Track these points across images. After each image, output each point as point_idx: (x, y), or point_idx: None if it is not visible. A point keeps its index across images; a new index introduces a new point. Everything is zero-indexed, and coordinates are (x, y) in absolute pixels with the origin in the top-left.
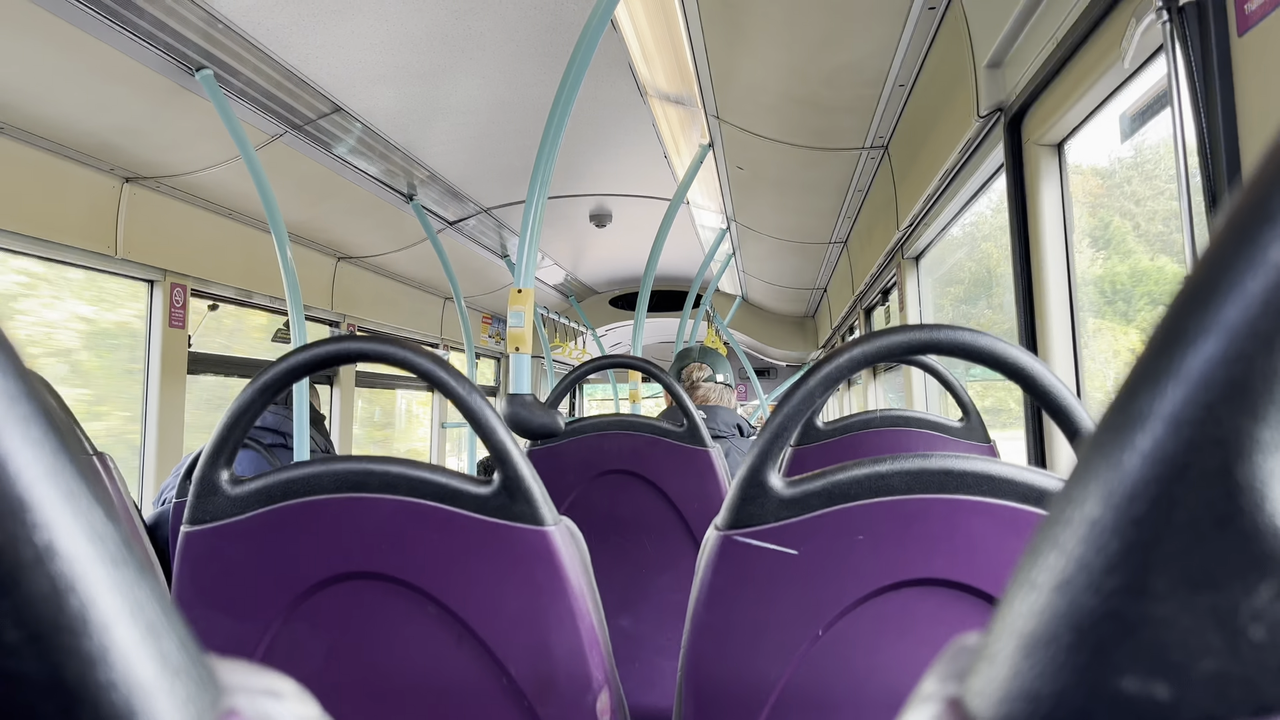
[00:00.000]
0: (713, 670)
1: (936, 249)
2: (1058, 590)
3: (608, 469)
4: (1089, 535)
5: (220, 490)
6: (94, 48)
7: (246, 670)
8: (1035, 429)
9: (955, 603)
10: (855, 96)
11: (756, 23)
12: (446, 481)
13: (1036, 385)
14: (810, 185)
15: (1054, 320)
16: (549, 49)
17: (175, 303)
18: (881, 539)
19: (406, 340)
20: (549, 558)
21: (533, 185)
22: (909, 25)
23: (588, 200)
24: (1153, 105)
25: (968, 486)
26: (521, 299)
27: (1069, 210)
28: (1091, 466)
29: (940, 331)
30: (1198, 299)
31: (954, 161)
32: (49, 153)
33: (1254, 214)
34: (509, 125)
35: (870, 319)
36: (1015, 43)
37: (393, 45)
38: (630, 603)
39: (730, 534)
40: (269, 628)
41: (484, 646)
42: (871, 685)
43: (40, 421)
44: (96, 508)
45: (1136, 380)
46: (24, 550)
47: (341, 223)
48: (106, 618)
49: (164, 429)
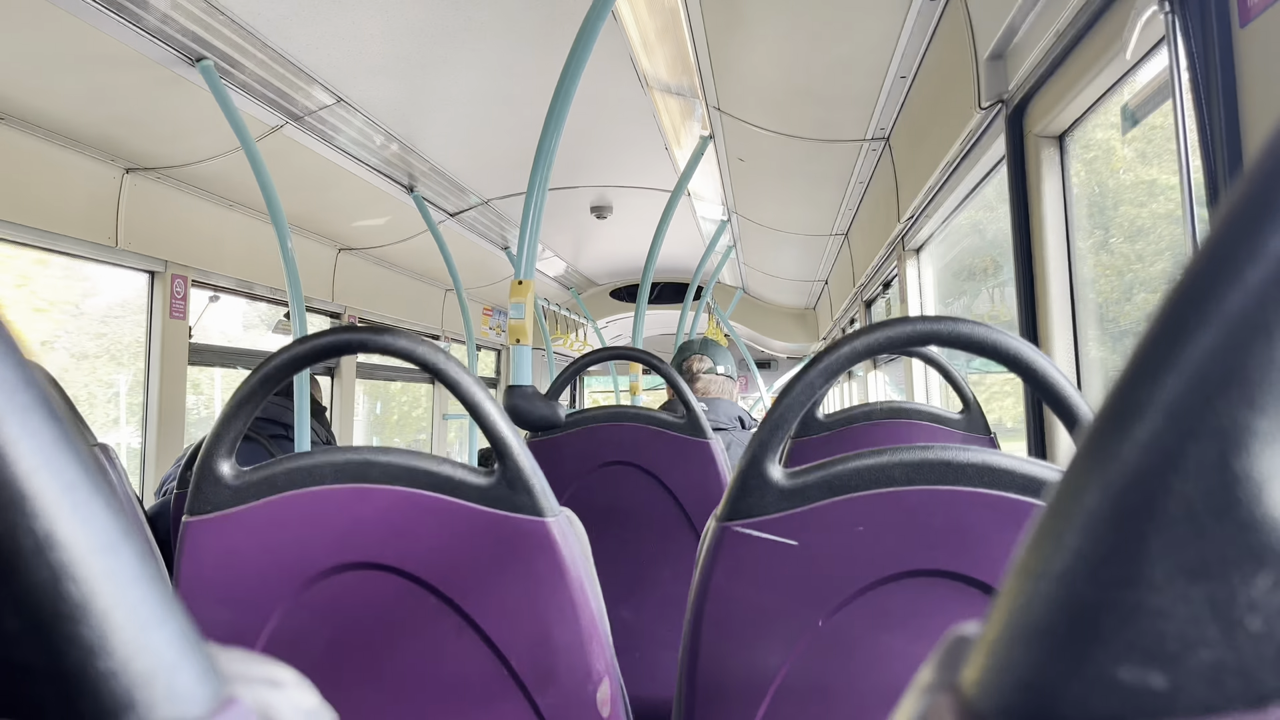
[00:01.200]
0: (713, 661)
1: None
2: (1055, 580)
3: (608, 460)
4: (1086, 525)
5: (221, 481)
6: (94, 37)
7: (247, 659)
8: (1036, 420)
9: (955, 594)
10: (856, 88)
11: (757, 14)
12: (447, 472)
13: (1036, 376)
14: (811, 177)
15: (1055, 311)
16: (549, 40)
17: (176, 294)
18: (882, 530)
19: (407, 331)
20: (549, 549)
21: (533, 177)
22: (910, 16)
23: (588, 192)
24: (1154, 97)
25: (968, 478)
26: (522, 291)
27: (1070, 202)
28: (1089, 457)
29: (941, 323)
30: (1196, 289)
31: (955, 153)
32: (49, 143)
33: (1253, 205)
34: (509, 117)
35: (871, 311)
36: (1017, 34)
37: (393, 36)
38: (631, 594)
39: (730, 525)
40: (270, 618)
41: (484, 637)
42: (871, 676)
43: (40, 411)
44: (96, 497)
45: (1134, 370)
46: (24, 539)
47: (342, 214)
48: (106, 606)
49: (164, 420)
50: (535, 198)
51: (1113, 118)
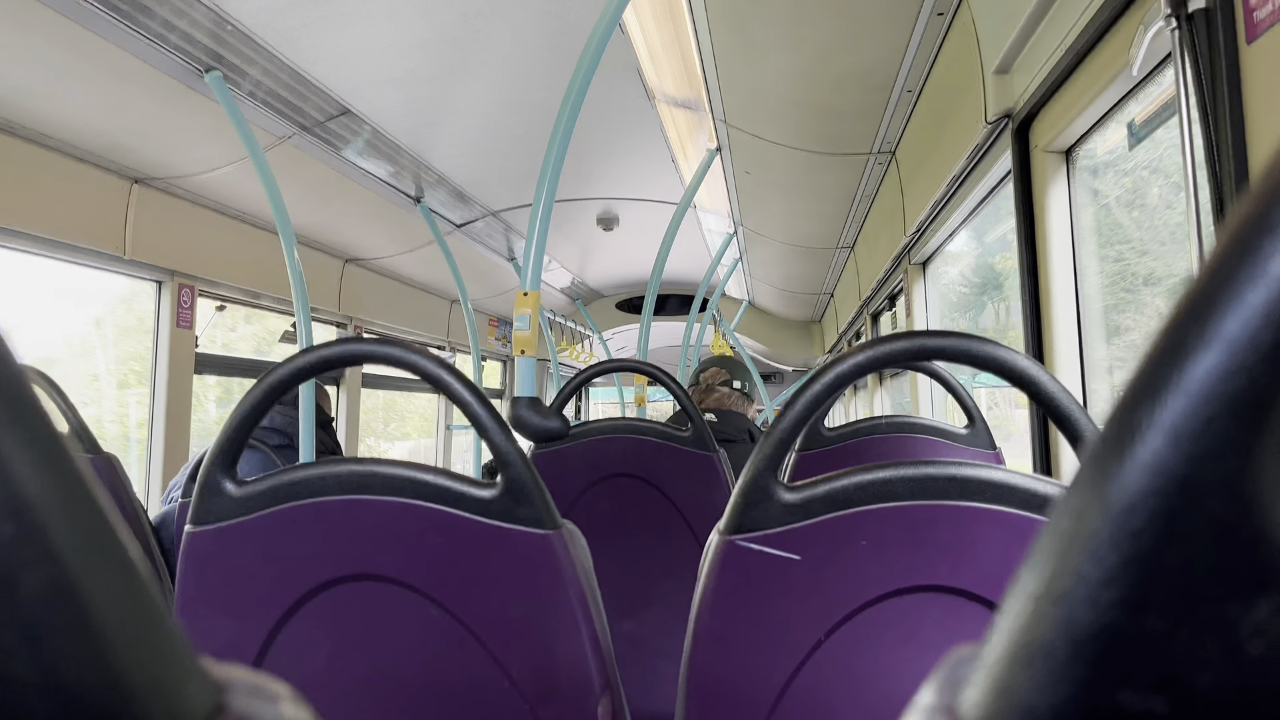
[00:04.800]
0: (715, 675)
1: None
2: (1055, 602)
3: (612, 473)
4: (1087, 547)
5: (224, 491)
6: (103, 49)
7: (241, 674)
8: (1041, 436)
9: (959, 610)
10: (863, 102)
11: (765, 27)
12: (450, 484)
13: (1042, 392)
14: (818, 190)
15: (1060, 327)
16: (557, 52)
17: (183, 303)
18: (885, 545)
19: (412, 343)
20: (552, 561)
21: (540, 188)
22: (917, 31)
23: (595, 204)
24: (1160, 113)
25: (973, 493)
26: (528, 302)
27: (1076, 217)
28: (1090, 478)
29: (946, 338)
30: (1199, 310)
31: (961, 167)
32: (58, 153)
33: (1256, 225)
34: (517, 128)
35: (877, 324)
36: (1023, 49)
37: (401, 48)
38: (633, 607)
39: (733, 539)
40: (272, 629)
41: (485, 649)
42: (874, 691)
43: (38, 422)
44: (95, 509)
45: (1137, 392)
46: (20, 552)
47: (349, 225)
48: (102, 621)
49: (171, 428)
50: (541, 209)
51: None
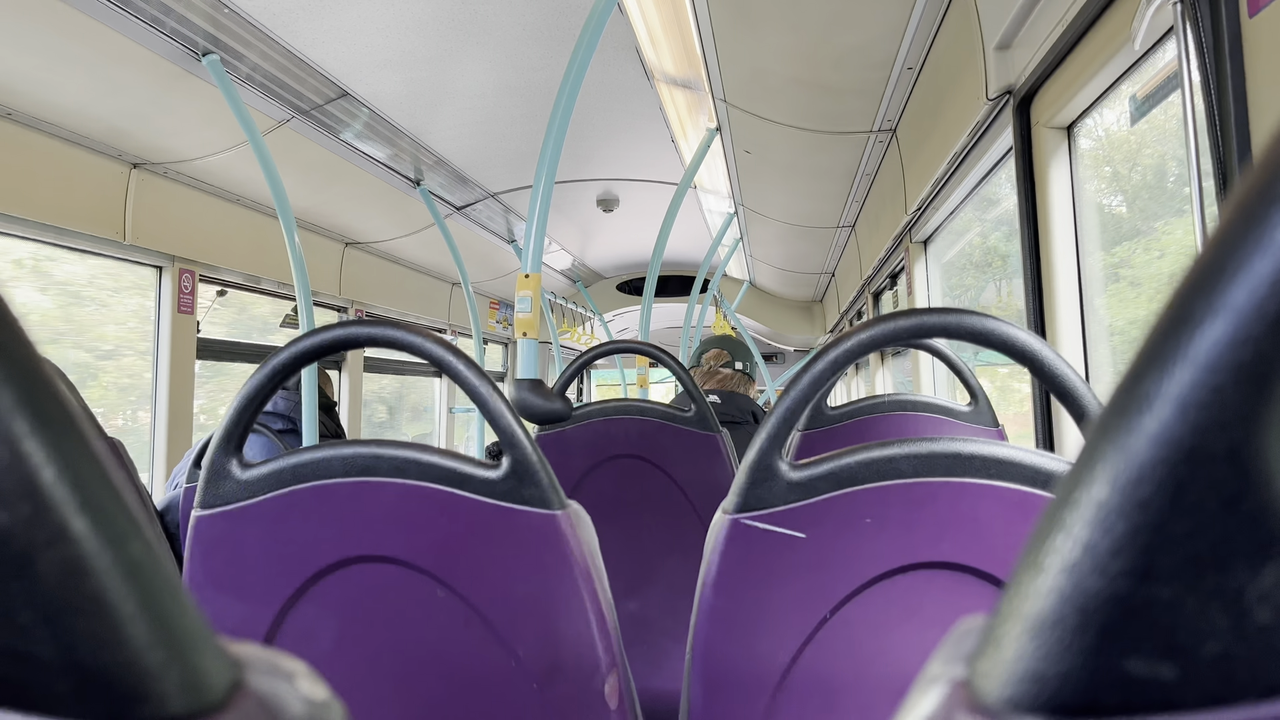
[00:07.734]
0: (720, 652)
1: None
2: (1064, 572)
3: (615, 454)
4: (1095, 517)
5: (231, 474)
6: (100, 33)
7: (258, 652)
8: (1044, 412)
9: (963, 586)
10: (863, 79)
11: (764, 5)
12: (456, 465)
13: (1044, 368)
14: (818, 169)
15: (1062, 303)
16: (555, 32)
17: (184, 288)
18: (889, 522)
19: (414, 325)
20: (557, 541)
21: (539, 170)
22: (917, 7)
23: (595, 185)
24: (1163, 87)
25: (975, 470)
26: (529, 284)
27: (1078, 193)
28: (1098, 449)
29: (948, 316)
30: (1205, 281)
31: (963, 144)
32: (57, 138)
33: (1262, 196)
34: (516, 110)
35: (878, 303)
36: (1024, 24)
37: (399, 29)
38: (638, 586)
39: (738, 517)
40: (279, 611)
41: (492, 629)
42: (879, 668)
43: (53, 407)
44: (108, 491)
45: (1144, 362)
46: (37, 533)
47: (349, 208)
48: (119, 599)
49: (174, 414)
50: (541, 191)
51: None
